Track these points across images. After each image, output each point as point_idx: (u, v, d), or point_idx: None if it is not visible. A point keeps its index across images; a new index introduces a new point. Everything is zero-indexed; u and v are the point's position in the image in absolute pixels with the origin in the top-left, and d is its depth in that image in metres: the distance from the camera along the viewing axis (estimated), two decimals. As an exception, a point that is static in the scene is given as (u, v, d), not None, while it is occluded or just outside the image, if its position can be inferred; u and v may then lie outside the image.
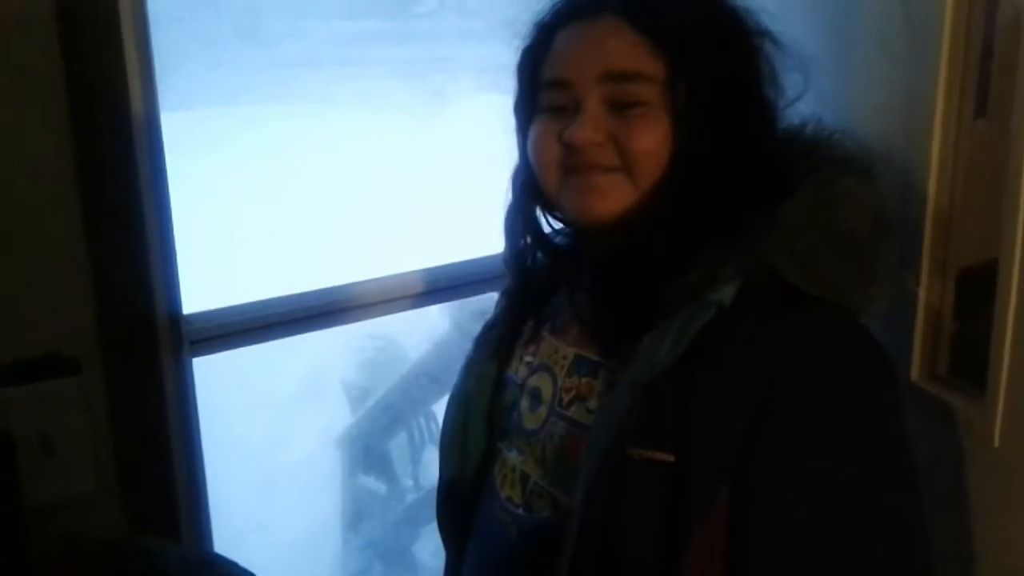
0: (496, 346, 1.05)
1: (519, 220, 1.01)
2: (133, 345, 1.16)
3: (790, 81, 0.94)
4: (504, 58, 1.05)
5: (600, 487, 0.83)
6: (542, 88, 0.94)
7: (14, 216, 1.07)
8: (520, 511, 0.96)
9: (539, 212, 1.01)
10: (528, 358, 1.02)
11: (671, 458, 0.81)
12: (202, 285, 1.30)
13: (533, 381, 0.99)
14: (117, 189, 1.12)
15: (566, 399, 0.94)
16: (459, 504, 1.07)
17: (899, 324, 1.09)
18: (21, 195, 1.07)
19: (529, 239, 1.02)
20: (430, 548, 2.49)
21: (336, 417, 2.69)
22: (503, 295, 1.10)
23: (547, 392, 0.96)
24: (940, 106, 1.04)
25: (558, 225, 1.03)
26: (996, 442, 0.96)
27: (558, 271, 1.02)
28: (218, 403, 1.42)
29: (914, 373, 1.09)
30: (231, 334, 1.31)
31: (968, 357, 1.04)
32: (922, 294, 1.07)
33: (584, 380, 0.93)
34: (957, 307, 1.08)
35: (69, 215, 1.09)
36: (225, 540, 1.34)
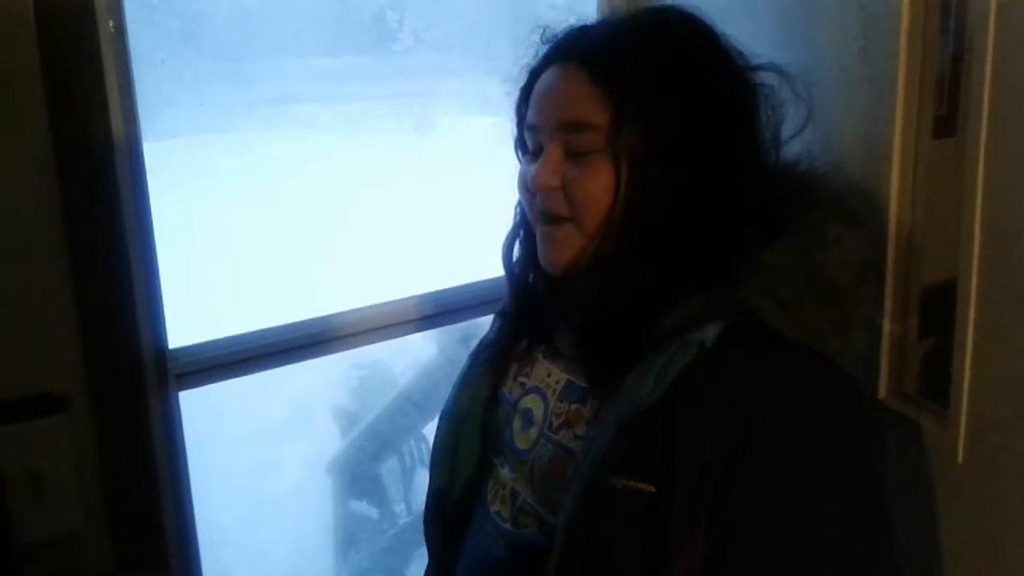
0: (491, 364, 1.07)
1: (517, 245, 1.05)
2: (119, 381, 1.18)
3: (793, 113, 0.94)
4: (480, 89, 1.08)
5: (583, 513, 0.86)
6: (526, 129, 0.98)
7: (-1, 255, 1.09)
8: (507, 526, 0.99)
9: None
10: (522, 379, 1.04)
11: (652, 488, 0.83)
12: (188, 318, 1.32)
13: (525, 402, 1.01)
14: (101, 226, 1.14)
15: (555, 423, 0.96)
16: (448, 516, 1.09)
17: (867, 342, 1.12)
18: (4, 234, 1.09)
19: (526, 264, 1.05)
20: (422, 574, 2.49)
21: (325, 445, 2.68)
22: (499, 314, 1.12)
23: (538, 414, 0.99)
24: (898, 129, 1.07)
25: None
26: (959, 458, 0.99)
27: (550, 299, 1.05)
28: (205, 435, 1.43)
29: (881, 391, 1.11)
30: (217, 367, 1.33)
31: (935, 375, 1.06)
32: (887, 313, 1.10)
33: (573, 406, 0.95)
34: (924, 325, 1.11)
35: (53, 253, 1.11)
36: (215, 572, 1.35)
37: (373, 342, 1.50)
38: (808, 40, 1.18)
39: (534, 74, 0.97)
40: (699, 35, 0.93)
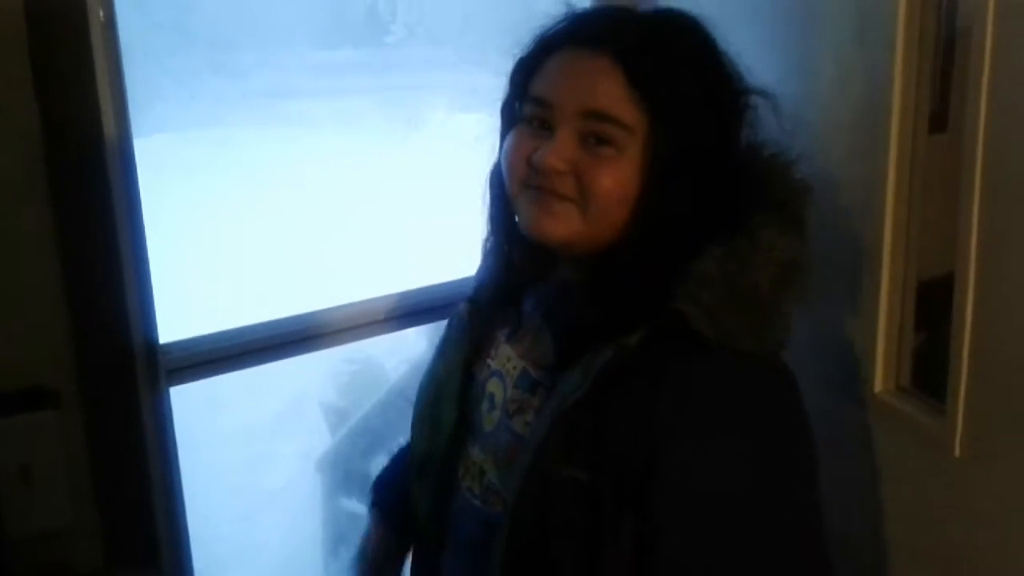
0: (467, 334, 1.10)
1: (495, 215, 1.06)
2: (111, 376, 1.17)
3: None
4: (472, 83, 1.08)
5: (525, 499, 0.92)
6: (528, 99, 0.97)
7: (-10, 251, 1.08)
8: (477, 503, 1.03)
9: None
10: (489, 360, 1.07)
11: (584, 476, 0.88)
12: (179, 313, 1.31)
13: (490, 385, 1.05)
14: (92, 220, 1.13)
15: (512, 409, 1.01)
16: (432, 477, 1.11)
17: (864, 337, 1.12)
18: (-4, 230, 1.08)
19: (504, 235, 1.06)
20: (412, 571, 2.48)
21: (315, 441, 2.68)
22: (474, 287, 1.14)
23: (499, 399, 1.03)
24: (895, 122, 1.07)
25: None
26: (956, 451, 0.99)
27: (524, 272, 1.07)
28: (196, 431, 1.42)
29: (877, 385, 1.11)
30: (208, 362, 1.32)
31: (931, 369, 1.06)
32: (883, 307, 1.10)
33: (525, 395, 0.99)
34: (920, 320, 1.11)
35: (44, 249, 1.10)
36: (206, 568, 1.34)
37: (365, 337, 1.50)
38: (804, 32, 1.18)
39: (547, 49, 0.97)
40: (717, 51, 0.96)
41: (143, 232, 1.20)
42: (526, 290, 1.07)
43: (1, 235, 1.08)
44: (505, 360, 1.04)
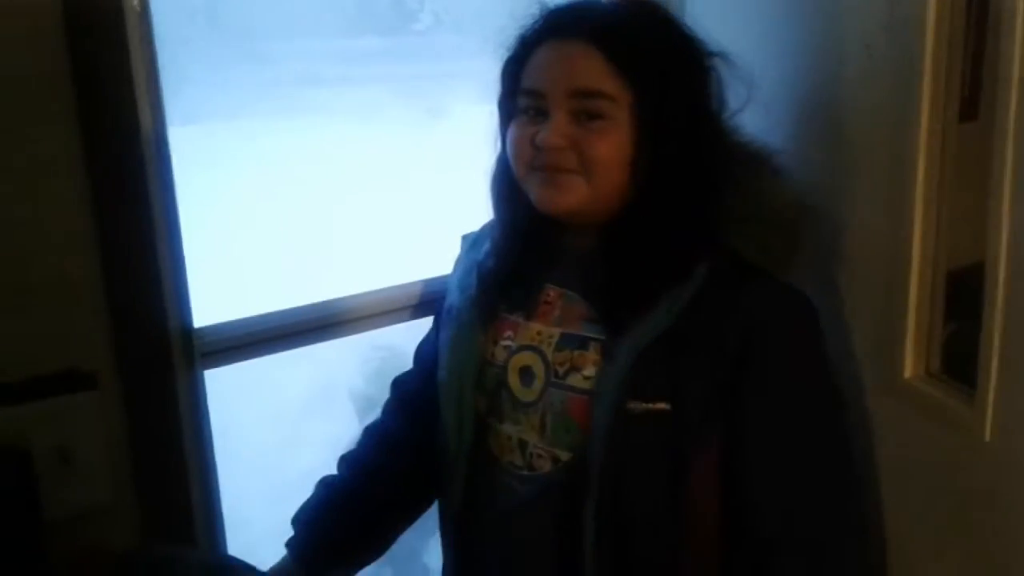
0: (481, 324, 1.15)
1: (503, 194, 1.16)
2: (147, 359, 1.19)
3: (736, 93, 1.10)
4: (498, 72, 1.12)
5: (612, 439, 1.01)
6: (520, 93, 1.08)
7: (29, 235, 1.10)
8: (524, 471, 1.11)
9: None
10: (505, 342, 1.13)
11: (668, 407, 0.99)
12: (212, 298, 1.33)
13: (519, 360, 1.11)
14: (128, 207, 1.15)
15: (561, 371, 1.08)
16: (462, 468, 1.17)
17: (894, 323, 1.12)
18: (34, 214, 1.10)
19: (512, 221, 1.16)
20: (440, 555, 2.50)
21: (345, 427, 2.69)
22: (477, 273, 1.19)
23: (539, 368, 1.09)
24: (925, 110, 1.06)
25: None
26: (987, 436, 0.99)
27: (532, 256, 1.15)
28: (229, 414, 1.44)
29: (907, 371, 1.11)
30: (241, 346, 1.34)
31: (961, 356, 1.06)
32: (913, 294, 1.10)
33: (576, 353, 1.07)
34: (951, 309, 1.11)
35: (82, 233, 1.12)
36: (240, 548, 1.36)
37: (393, 323, 1.51)
38: (832, 15, 1.18)
39: (529, 45, 1.08)
40: (676, 21, 1.10)
41: (178, 219, 1.22)
42: (534, 272, 1.14)
43: (40, 221, 1.10)
44: (534, 334, 1.11)
